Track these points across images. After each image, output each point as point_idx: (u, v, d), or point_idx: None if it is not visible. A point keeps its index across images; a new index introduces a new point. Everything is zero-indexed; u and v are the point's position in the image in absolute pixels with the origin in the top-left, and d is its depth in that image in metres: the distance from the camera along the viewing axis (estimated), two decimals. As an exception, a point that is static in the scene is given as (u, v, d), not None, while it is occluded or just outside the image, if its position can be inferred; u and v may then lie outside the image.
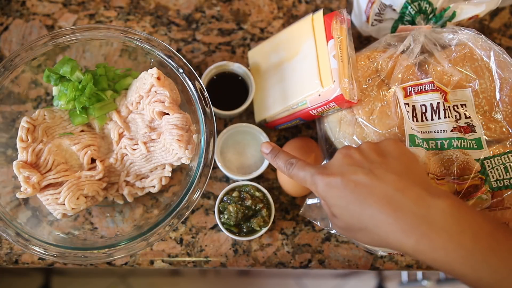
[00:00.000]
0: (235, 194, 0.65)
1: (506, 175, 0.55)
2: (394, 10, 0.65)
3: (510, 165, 0.55)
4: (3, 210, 0.58)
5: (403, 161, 0.47)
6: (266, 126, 0.72)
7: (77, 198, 0.60)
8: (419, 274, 1.25)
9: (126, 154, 0.64)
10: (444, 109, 0.57)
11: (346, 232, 0.49)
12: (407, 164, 0.47)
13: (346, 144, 0.61)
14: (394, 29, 0.68)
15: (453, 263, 0.41)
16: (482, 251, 0.40)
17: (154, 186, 0.65)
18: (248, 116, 0.73)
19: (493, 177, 0.55)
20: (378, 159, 0.47)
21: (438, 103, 0.57)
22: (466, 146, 0.56)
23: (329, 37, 0.61)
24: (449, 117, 0.57)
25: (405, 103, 0.58)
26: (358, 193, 0.45)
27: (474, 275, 0.41)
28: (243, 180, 0.68)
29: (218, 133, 0.69)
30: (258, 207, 0.65)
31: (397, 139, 0.51)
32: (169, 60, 0.62)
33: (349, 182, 0.45)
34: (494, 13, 0.80)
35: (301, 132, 0.74)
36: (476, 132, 0.57)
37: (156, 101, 0.61)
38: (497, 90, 0.59)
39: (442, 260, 0.42)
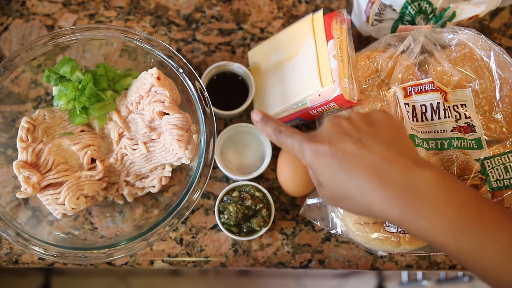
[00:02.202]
0: (235, 194, 0.65)
1: (506, 175, 0.55)
2: (394, 10, 0.65)
3: (510, 165, 0.55)
4: (3, 210, 0.58)
5: (391, 132, 0.47)
6: (266, 126, 0.72)
7: (77, 198, 0.60)
8: (419, 274, 1.25)
9: (126, 154, 0.64)
10: (444, 109, 0.57)
11: (332, 201, 0.49)
12: (395, 135, 0.47)
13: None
14: (394, 29, 0.68)
15: (436, 233, 0.41)
16: (465, 222, 0.41)
17: (154, 186, 0.65)
18: (248, 116, 0.73)
19: (493, 177, 0.55)
20: (367, 129, 0.47)
21: (438, 103, 0.57)
22: (466, 146, 0.56)
23: (329, 37, 0.61)
24: (449, 117, 0.57)
25: (405, 103, 0.58)
26: (346, 162, 0.45)
27: (456, 245, 0.41)
28: (243, 180, 0.68)
29: (218, 133, 0.69)
30: (258, 207, 0.65)
31: (387, 110, 0.51)
32: (169, 60, 0.62)
33: (337, 150, 0.45)
34: (494, 13, 0.80)
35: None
36: (476, 132, 0.57)
37: (156, 101, 0.61)
38: (497, 90, 0.59)
39: (425, 230, 0.42)
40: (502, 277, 0.40)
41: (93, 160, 0.64)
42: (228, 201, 0.65)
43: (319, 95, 0.60)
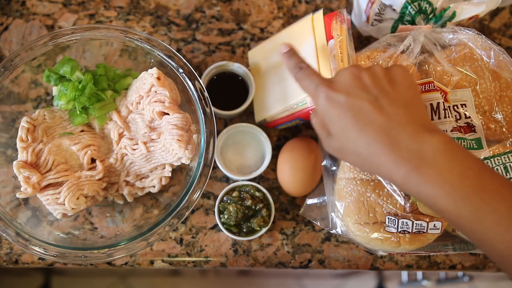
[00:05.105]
0: (235, 194, 0.65)
1: (506, 175, 0.55)
2: (394, 10, 0.65)
3: (510, 165, 0.55)
4: (3, 210, 0.58)
5: (409, 94, 0.48)
6: (266, 126, 0.72)
7: (77, 198, 0.60)
8: (419, 274, 1.25)
9: (126, 154, 0.64)
10: (444, 109, 0.57)
11: (339, 153, 0.50)
12: (412, 98, 0.48)
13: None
14: (394, 29, 0.68)
15: (437, 197, 0.42)
16: (466, 189, 0.42)
17: (154, 186, 0.65)
18: (248, 116, 0.73)
19: (493, 177, 0.55)
20: (387, 87, 0.47)
21: (438, 103, 0.57)
22: (466, 146, 0.56)
23: (329, 37, 0.61)
24: (449, 117, 0.57)
25: (405, 103, 0.58)
26: (360, 119, 0.45)
27: (456, 211, 0.42)
28: (243, 180, 0.68)
29: (218, 133, 0.69)
30: (258, 207, 0.65)
31: (406, 68, 0.51)
32: (169, 60, 0.62)
33: (353, 105, 0.46)
34: (494, 13, 0.80)
35: (301, 132, 0.74)
36: (476, 132, 0.57)
37: (156, 101, 0.61)
38: (497, 90, 0.59)
39: (427, 194, 0.43)
40: (497, 246, 0.41)
41: (93, 160, 0.64)
42: (228, 201, 0.66)
43: (319, 95, 0.60)
